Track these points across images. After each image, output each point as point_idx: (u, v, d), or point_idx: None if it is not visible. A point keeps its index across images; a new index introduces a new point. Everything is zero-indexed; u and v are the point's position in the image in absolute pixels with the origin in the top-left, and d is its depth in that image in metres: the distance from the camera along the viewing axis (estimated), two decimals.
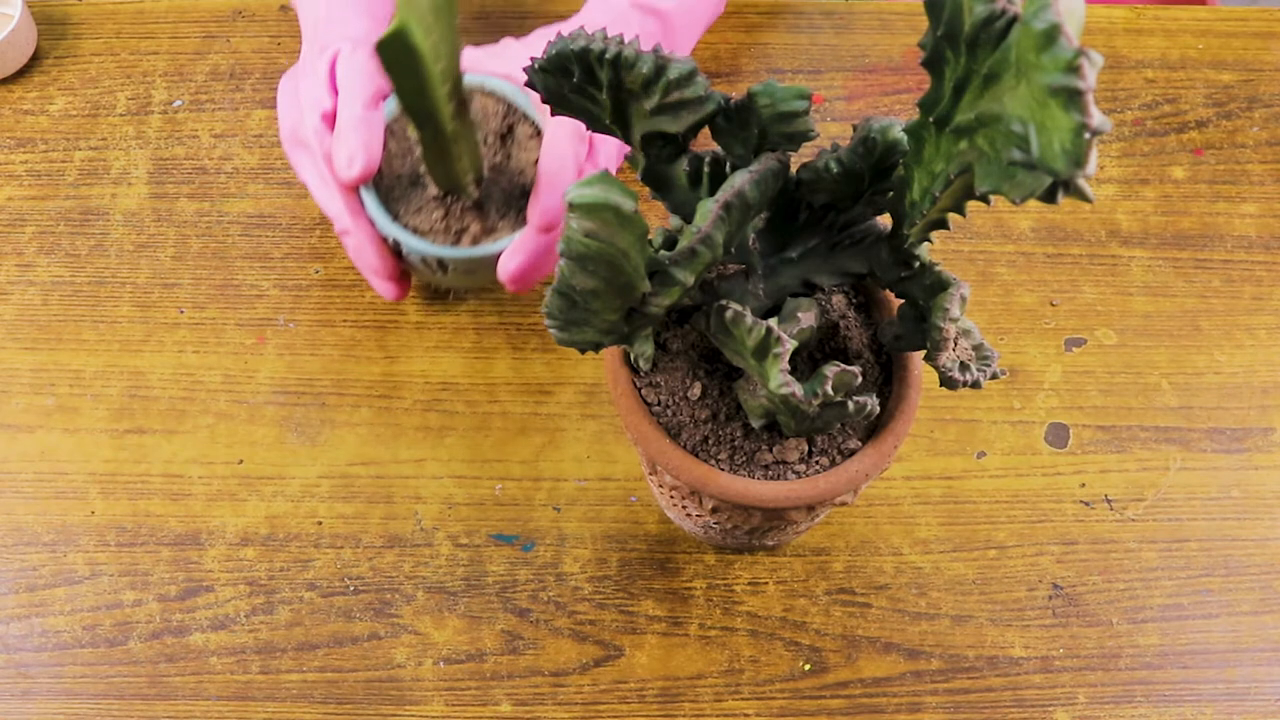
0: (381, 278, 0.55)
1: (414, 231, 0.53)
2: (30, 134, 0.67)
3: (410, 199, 0.54)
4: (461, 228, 0.54)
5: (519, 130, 0.56)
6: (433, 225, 0.54)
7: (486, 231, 0.54)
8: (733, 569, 0.56)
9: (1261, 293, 0.63)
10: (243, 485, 0.57)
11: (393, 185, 0.55)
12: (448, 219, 0.54)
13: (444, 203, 0.54)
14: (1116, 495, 0.57)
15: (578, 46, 0.37)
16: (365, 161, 0.51)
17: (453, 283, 0.57)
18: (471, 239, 0.54)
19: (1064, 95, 0.26)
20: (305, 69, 0.55)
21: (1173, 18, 0.72)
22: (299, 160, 0.55)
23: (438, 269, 0.54)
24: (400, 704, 0.53)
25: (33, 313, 0.62)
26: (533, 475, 0.58)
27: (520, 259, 0.52)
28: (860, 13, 0.72)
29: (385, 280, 0.55)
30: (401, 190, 0.54)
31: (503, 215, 0.54)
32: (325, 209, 0.54)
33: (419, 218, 0.54)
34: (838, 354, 0.47)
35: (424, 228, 0.54)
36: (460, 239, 0.54)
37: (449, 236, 0.54)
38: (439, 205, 0.54)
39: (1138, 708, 0.53)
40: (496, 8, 0.72)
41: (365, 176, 0.52)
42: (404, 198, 0.54)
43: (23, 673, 0.53)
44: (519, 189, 0.55)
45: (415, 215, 0.54)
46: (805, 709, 0.53)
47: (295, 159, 0.55)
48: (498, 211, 0.54)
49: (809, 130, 0.39)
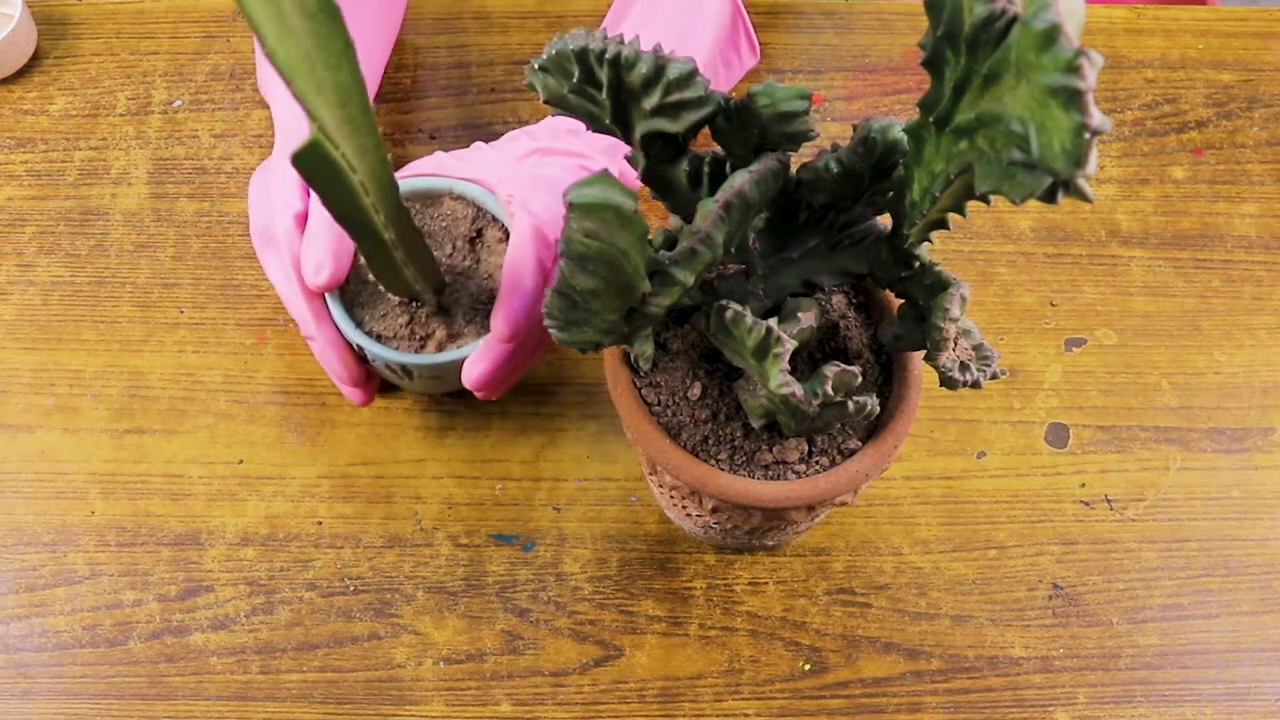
0: (346, 384, 0.55)
1: (378, 338, 0.52)
2: (30, 134, 0.67)
3: (376, 304, 0.53)
4: (427, 333, 0.53)
5: (488, 234, 0.55)
6: (397, 331, 0.53)
7: (452, 337, 0.53)
8: (733, 569, 0.56)
9: (1261, 293, 0.63)
10: (243, 485, 0.57)
11: (359, 290, 0.54)
12: (412, 324, 0.53)
13: (409, 308, 0.53)
14: (1116, 495, 0.57)
15: (577, 46, 0.37)
16: (333, 270, 0.51)
17: (419, 388, 0.56)
18: (436, 345, 0.53)
19: (1064, 95, 0.26)
20: (277, 165, 0.55)
21: (1173, 18, 0.72)
22: (267, 260, 0.54)
23: (402, 375, 0.53)
24: (400, 704, 0.53)
25: (33, 313, 0.62)
26: (533, 475, 0.58)
27: (483, 367, 0.51)
28: (860, 13, 0.72)
29: (350, 386, 0.55)
30: (367, 295, 0.53)
31: (469, 320, 0.53)
32: (291, 311, 0.53)
33: (384, 323, 0.53)
34: (838, 354, 0.47)
35: (388, 334, 0.53)
36: (425, 345, 0.53)
37: (414, 342, 0.53)
38: (404, 311, 0.53)
39: (1138, 708, 0.53)
40: (497, 8, 0.72)
41: (333, 284, 0.51)
42: (369, 303, 0.53)
43: (23, 673, 0.53)
44: (486, 293, 0.54)
45: (380, 321, 0.53)
46: (805, 709, 0.53)
47: (264, 258, 0.54)
48: (464, 316, 0.53)
49: (809, 130, 0.39)
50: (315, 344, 0.54)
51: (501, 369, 0.51)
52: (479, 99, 0.69)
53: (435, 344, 0.53)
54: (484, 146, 0.58)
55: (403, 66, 0.70)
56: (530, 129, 0.58)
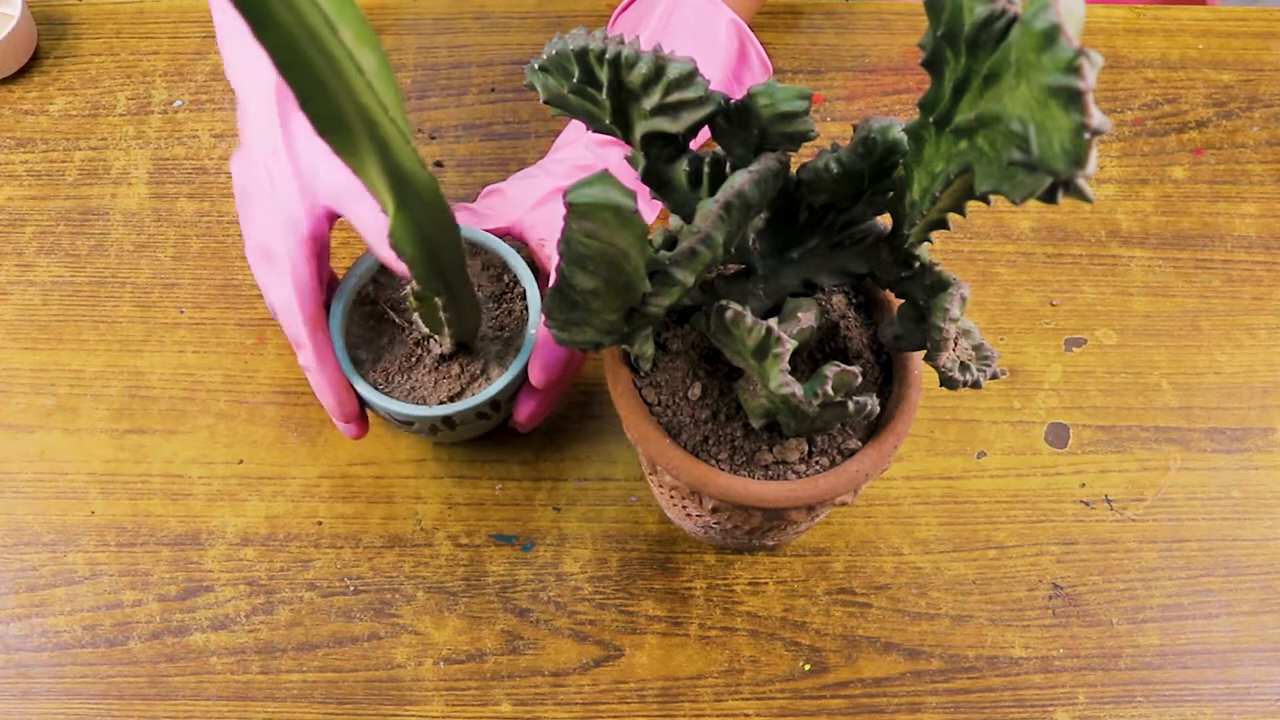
0: (341, 419, 0.53)
1: (450, 400, 0.52)
2: (30, 134, 0.67)
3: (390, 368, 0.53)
4: (451, 377, 0.53)
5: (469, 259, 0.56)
6: (424, 386, 0.53)
7: (501, 355, 0.53)
8: (733, 569, 0.56)
9: (1261, 293, 0.63)
10: (243, 485, 0.57)
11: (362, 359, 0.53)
12: (435, 374, 0.53)
13: (427, 363, 0.53)
14: (1116, 495, 0.57)
15: (577, 46, 0.37)
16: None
17: (461, 435, 0.55)
18: (469, 386, 0.53)
19: (1064, 95, 0.26)
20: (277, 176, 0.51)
21: (1173, 18, 0.72)
22: (267, 280, 0.51)
23: (444, 427, 0.53)
24: (400, 704, 0.53)
25: (33, 313, 0.62)
26: (533, 475, 0.58)
27: (529, 409, 0.54)
28: (860, 13, 0.72)
29: (344, 422, 0.53)
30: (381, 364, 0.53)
31: (489, 347, 0.54)
32: (289, 334, 0.51)
33: (410, 380, 0.53)
34: (838, 354, 0.47)
35: (421, 389, 0.52)
36: (463, 392, 0.53)
37: (446, 391, 0.52)
38: (428, 367, 0.53)
39: (1138, 708, 0.53)
40: (497, 8, 0.72)
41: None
42: (416, 385, 0.53)
43: (23, 673, 0.53)
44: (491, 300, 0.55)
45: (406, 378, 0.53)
46: (805, 709, 0.53)
47: (263, 277, 0.51)
48: (491, 333, 0.54)
49: (809, 130, 0.38)
50: (312, 375, 0.52)
51: (542, 406, 0.54)
52: (479, 99, 0.69)
53: (498, 368, 0.53)
54: (502, 189, 0.57)
55: (403, 66, 0.70)
56: (547, 167, 0.58)
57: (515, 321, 0.54)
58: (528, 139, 0.68)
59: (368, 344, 0.54)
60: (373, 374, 0.53)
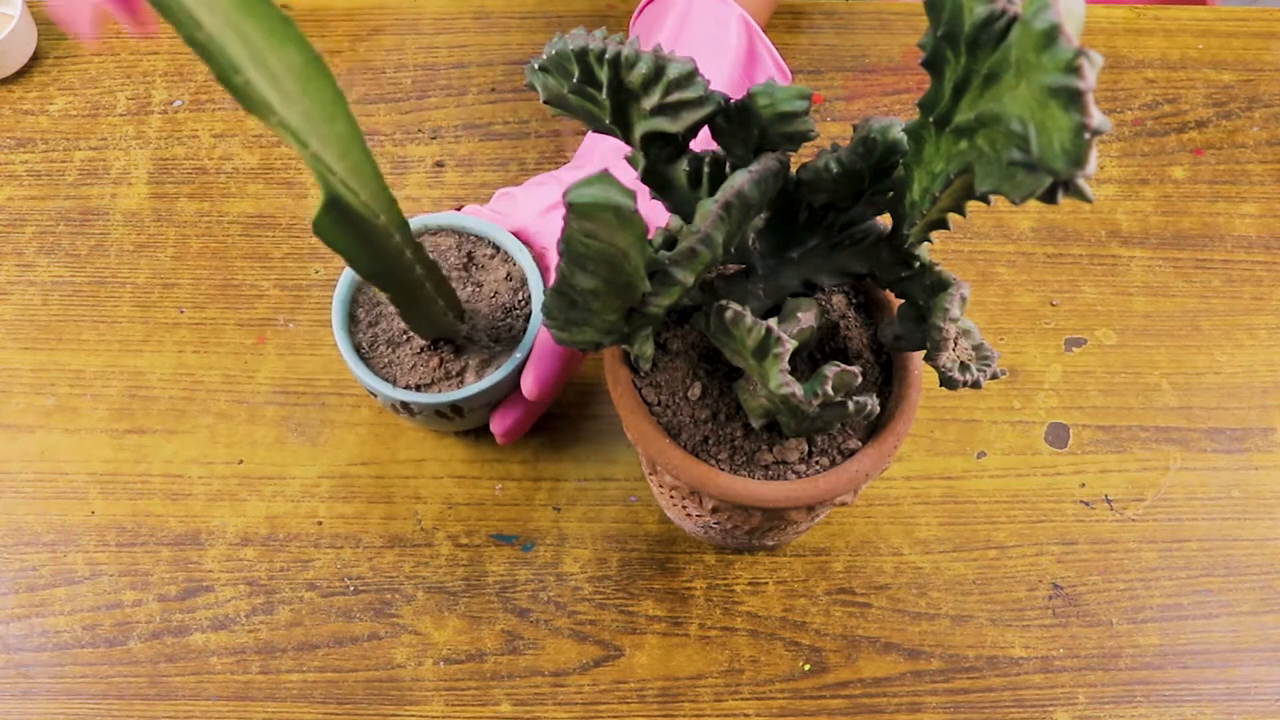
0: None
1: (416, 388, 0.52)
2: (30, 134, 0.67)
3: (398, 363, 0.53)
4: (461, 368, 0.53)
5: (477, 254, 0.55)
6: (432, 377, 0.52)
7: (485, 363, 0.53)
8: (733, 569, 0.56)
9: (1261, 293, 0.63)
10: (243, 485, 0.57)
11: (373, 356, 0.53)
12: (444, 366, 0.53)
13: (432, 354, 0.53)
14: (1116, 495, 0.57)
15: (577, 46, 0.37)
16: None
17: (472, 422, 0.55)
18: (475, 375, 0.53)
19: (1064, 95, 0.26)
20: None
21: (1173, 18, 0.72)
22: None
23: (453, 415, 0.53)
24: (400, 704, 0.53)
25: (33, 313, 0.62)
26: (533, 475, 0.58)
27: (511, 419, 0.53)
28: (860, 13, 0.72)
29: None
30: (387, 358, 0.53)
31: (495, 339, 0.53)
32: None
33: (415, 375, 0.52)
34: (838, 354, 0.47)
35: (425, 382, 0.52)
36: (463, 379, 0.52)
37: (451, 381, 0.52)
38: (428, 358, 0.53)
39: (1138, 708, 0.53)
40: (497, 8, 0.72)
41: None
42: (393, 363, 0.53)
43: (23, 673, 0.53)
44: (501, 309, 0.54)
45: (411, 374, 0.52)
46: (805, 709, 0.53)
47: None
48: (489, 338, 0.53)
49: (809, 130, 0.38)
50: None
51: (525, 420, 0.54)
52: (479, 99, 0.69)
53: (474, 375, 0.53)
54: (513, 193, 0.57)
55: (403, 66, 0.70)
56: (560, 176, 0.58)
57: (513, 338, 0.54)
58: (528, 139, 0.68)
59: (371, 307, 0.54)
60: (360, 334, 0.53)
